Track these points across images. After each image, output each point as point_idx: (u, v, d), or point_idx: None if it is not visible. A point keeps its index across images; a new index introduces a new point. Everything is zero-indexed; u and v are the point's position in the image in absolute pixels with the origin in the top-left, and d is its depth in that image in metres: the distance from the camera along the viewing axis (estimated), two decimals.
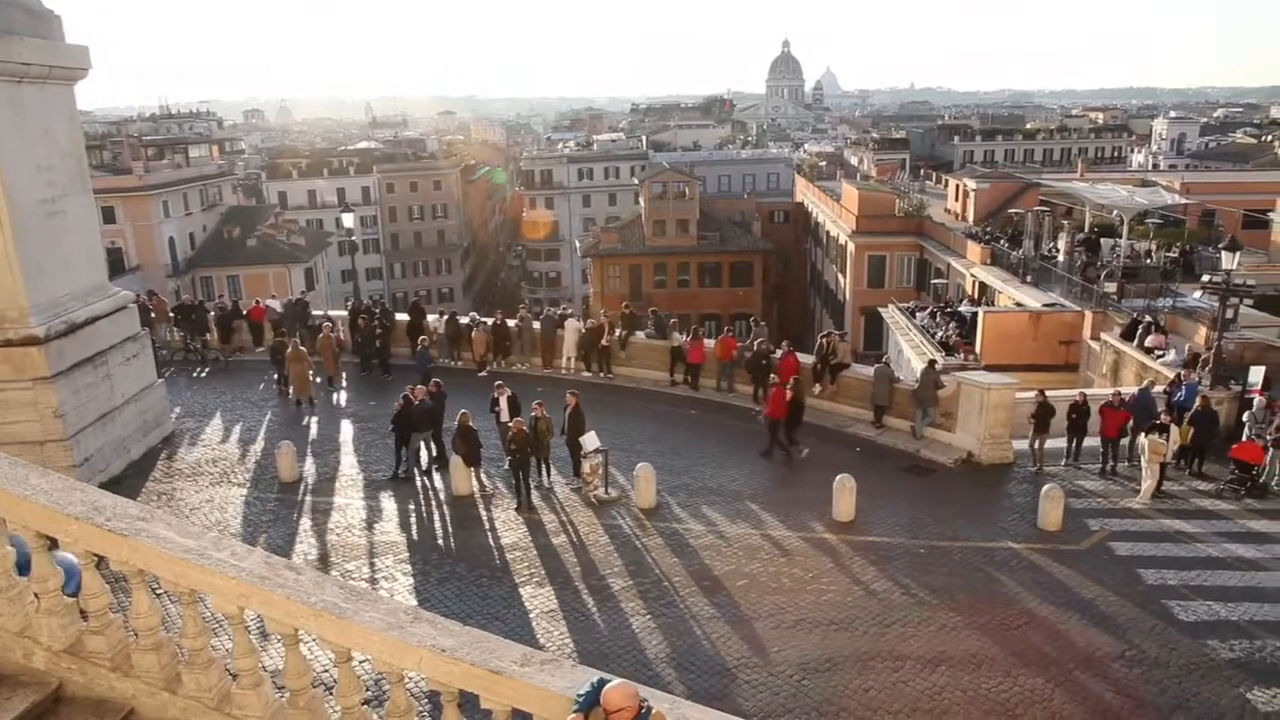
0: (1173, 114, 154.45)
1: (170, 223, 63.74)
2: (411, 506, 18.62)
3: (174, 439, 22.10)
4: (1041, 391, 21.46)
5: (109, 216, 56.16)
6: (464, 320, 29.72)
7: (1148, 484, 19.27)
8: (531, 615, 14.29)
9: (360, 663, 7.23)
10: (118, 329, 20.51)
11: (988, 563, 16.32)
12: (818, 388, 24.97)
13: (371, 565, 15.94)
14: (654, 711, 5.95)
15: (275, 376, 26.28)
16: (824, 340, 26.18)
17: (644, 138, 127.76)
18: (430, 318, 30.65)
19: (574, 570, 15.86)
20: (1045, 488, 18.15)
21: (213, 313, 30.62)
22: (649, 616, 14.25)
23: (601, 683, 6.01)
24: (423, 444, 20.31)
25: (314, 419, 24.00)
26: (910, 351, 35.00)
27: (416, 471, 20.09)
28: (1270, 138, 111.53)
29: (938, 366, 23.87)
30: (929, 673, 12.74)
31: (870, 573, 15.84)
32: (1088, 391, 24.59)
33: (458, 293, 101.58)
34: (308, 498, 18.84)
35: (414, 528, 17.64)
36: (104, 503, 7.16)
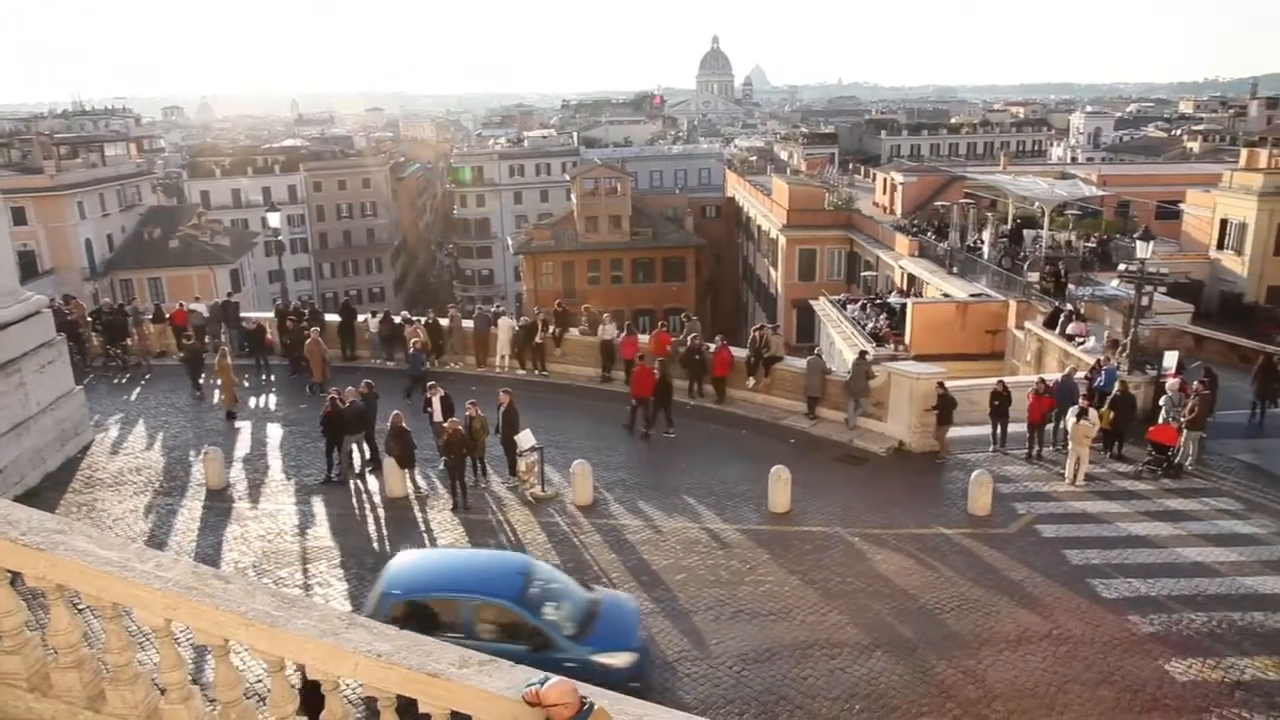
0: (1089, 109, 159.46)
1: (86, 224, 61.65)
2: (345, 510, 18.30)
3: (94, 448, 21.37)
4: (941, 384, 21.81)
5: (19, 218, 54.18)
6: (397, 320, 29.31)
7: (1076, 467, 19.83)
8: None
9: (294, 671, 7.09)
10: (31, 335, 19.76)
11: (921, 549, 16.65)
12: (751, 381, 25.21)
13: (305, 572, 15.62)
14: (596, 708, 5.96)
15: (191, 382, 25.65)
16: (757, 334, 26.43)
17: (575, 134, 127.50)
18: (362, 318, 30.16)
19: None
20: (974, 474, 18.58)
21: (130, 316, 29.57)
22: None
23: (545, 679, 6.02)
24: (355, 446, 19.98)
25: (242, 424, 23.44)
26: (842, 343, 35.52)
27: (349, 475, 19.76)
28: (1179, 132, 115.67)
29: (869, 357, 24.26)
30: (865, 658, 12.96)
31: (807, 562, 16.04)
32: (1011, 379, 25.24)
33: (389, 292, 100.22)
34: (237, 504, 18.39)
35: (348, 532, 17.33)
36: (18, 516, 6.91)
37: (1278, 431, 23.62)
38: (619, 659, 11.54)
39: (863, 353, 24.95)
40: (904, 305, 36.99)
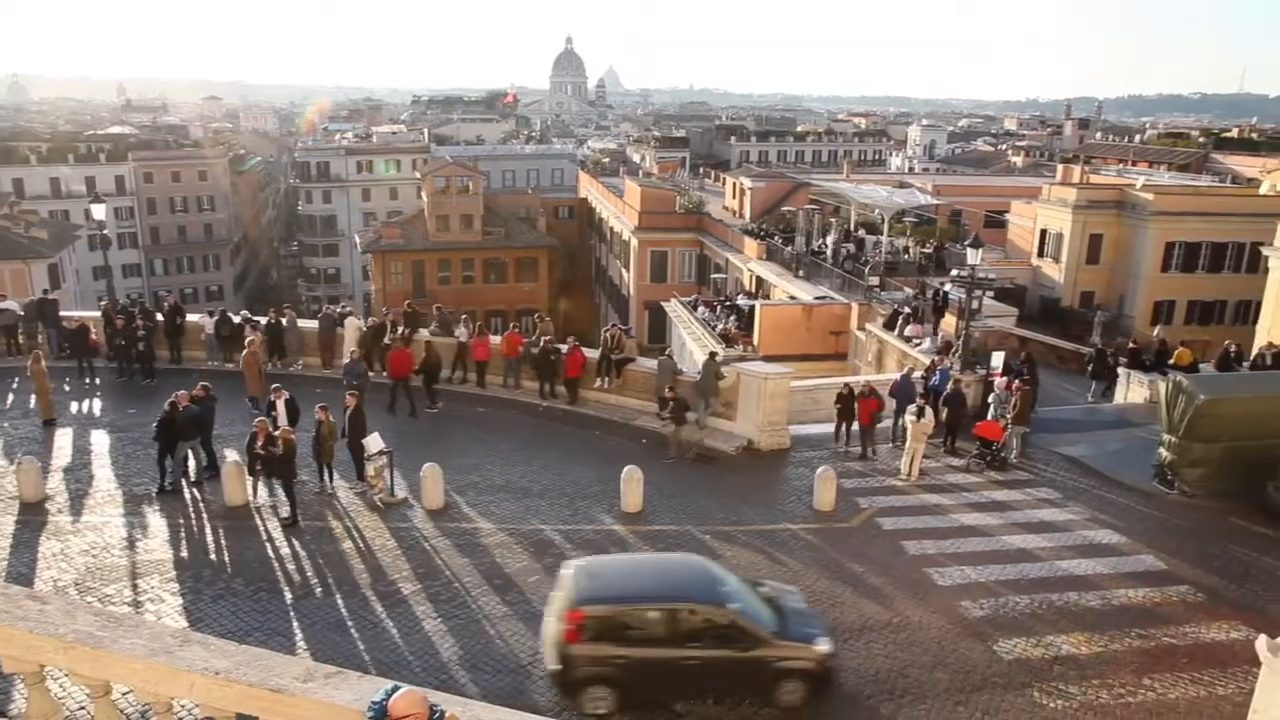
0: (925, 122, 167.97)
1: None
2: (180, 521, 17.29)
3: None
4: (672, 388, 22.39)
5: None
6: (236, 320, 27.96)
7: (911, 462, 20.83)
8: (316, 628, 13.66)
9: (124, 694, 6.67)
10: None
11: (769, 544, 17.13)
12: (601, 381, 25.34)
13: (134, 587, 14.68)
14: (447, 715, 5.87)
15: None
16: (608, 335, 26.58)
17: (426, 131, 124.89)
18: (195, 317, 28.63)
19: (361, 577, 15.30)
20: (819, 470, 19.24)
21: None
22: (440, 619, 13.98)
23: (395, 689, 5.87)
24: (190, 452, 18.90)
25: (63, 431, 21.82)
26: (693, 344, 36.17)
27: (184, 483, 18.69)
28: (1005, 147, 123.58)
29: (718, 358, 24.77)
30: None
31: None
32: (855, 379, 26.30)
33: (228, 290, 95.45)
34: (56, 518, 17.08)
35: (183, 543, 16.40)
36: None
37: (1094, 425, 25.58)
38: None
39: (712, 353, 25.46)
40: (752, 307, 37.99)
